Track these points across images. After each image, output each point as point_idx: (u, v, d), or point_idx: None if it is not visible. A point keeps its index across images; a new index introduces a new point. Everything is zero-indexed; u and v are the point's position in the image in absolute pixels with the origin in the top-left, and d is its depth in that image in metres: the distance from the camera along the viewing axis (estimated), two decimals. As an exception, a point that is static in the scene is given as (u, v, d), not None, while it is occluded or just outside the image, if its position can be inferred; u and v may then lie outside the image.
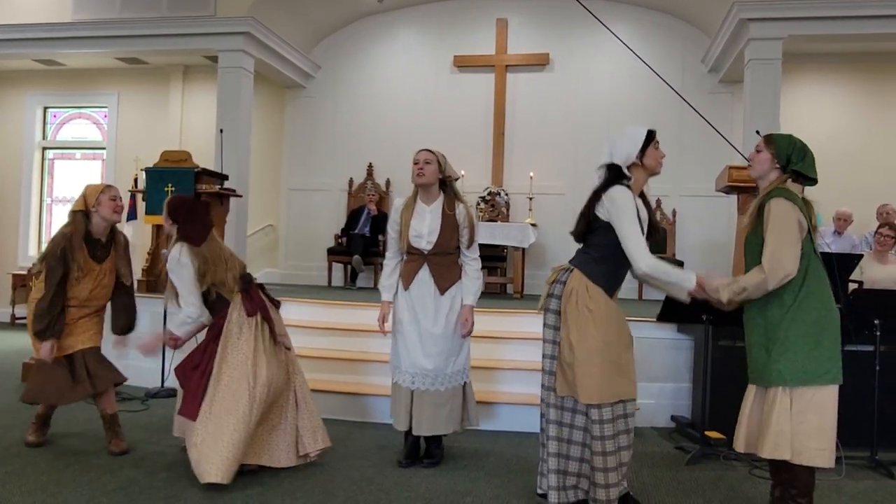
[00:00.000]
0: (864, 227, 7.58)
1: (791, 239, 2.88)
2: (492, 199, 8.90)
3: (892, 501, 3.58)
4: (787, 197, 2.92)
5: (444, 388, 3.86)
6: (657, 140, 3.27)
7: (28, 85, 10.32)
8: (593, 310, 3.09)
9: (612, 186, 3.13)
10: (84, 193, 4.04)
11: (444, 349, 3.86)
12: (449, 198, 3.93)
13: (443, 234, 3.85)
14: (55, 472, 3.60)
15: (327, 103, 9.78)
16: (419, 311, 3.89)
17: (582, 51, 9.15)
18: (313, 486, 3.51)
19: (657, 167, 3.27)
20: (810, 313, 2.90)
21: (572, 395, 3.10)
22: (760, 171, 3.09)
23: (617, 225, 3.09)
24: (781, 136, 3.11)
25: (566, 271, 3.22)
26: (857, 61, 8.54)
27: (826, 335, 2.91)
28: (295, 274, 9.64)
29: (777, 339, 2.92)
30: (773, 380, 2.92)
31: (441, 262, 3.89)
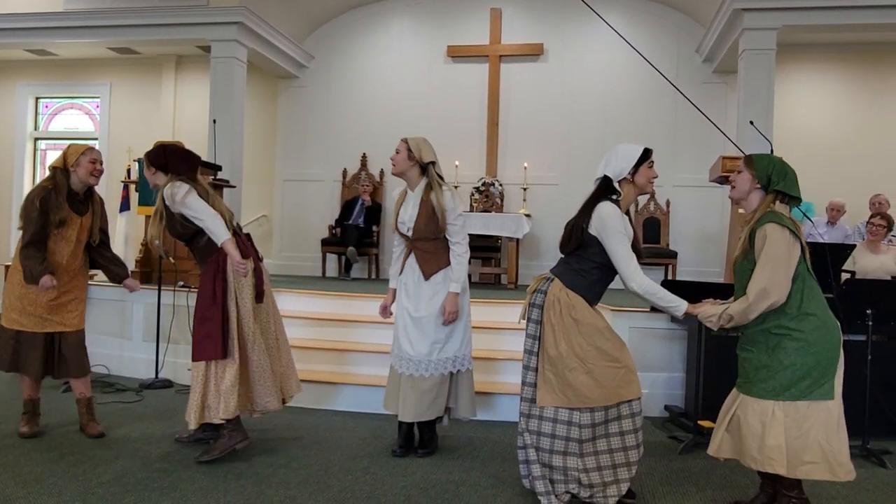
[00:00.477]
0: (857, 218, 7.61)
1: (780, 268, 2.89)
2: (486, 189, 8.89)
3: (883, 490, 3.61)
4: (778, 222, 2.92)
5: (428, 374, 3.87)
6: (652, 160, 3.30)
7: (20, 75, 10.25)
8: (578, 319, 3.12)
9: (600, 202, 3.16)
10: (66, 152, 4.09)
11: (426, 335, 3.88)
12: (428, 183, 3.96)
13: (419, 219, 3.90)
14: (49, 463, 3.60)
15: (321, 93, 9.74)
16: (405, 297, 3.98)
17: (576, 41, 9.13)
18: (308, 476, 3.52)
19: (647, 186, 3.31)
20: (811, 333, 2.91)
21: (560, 404, 3.11)
22: (741, 192, 3.12)
23: (606, 243, 3.13)
24: (760, 156, 3.13)
25: (547, 280, 3.25)
26: (851, 52, 8.55)
27: (824, 353, 2.91)
28: (289, 265, 9.63)
29: (776, 357, 2.93)
30: (766, 394, 2.93)
31: (426, 248, 3.95)
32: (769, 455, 2.89)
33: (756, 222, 2.99)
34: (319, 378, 5.13)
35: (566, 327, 3.12)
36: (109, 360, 5.97)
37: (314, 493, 3.28)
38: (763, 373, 2.96)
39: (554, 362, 3.13)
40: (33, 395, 4.16)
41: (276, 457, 3.84)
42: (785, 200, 3.04)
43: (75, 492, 3.19)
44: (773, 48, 7.08)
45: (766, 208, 3.01)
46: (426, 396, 3.87)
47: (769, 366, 2.94)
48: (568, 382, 3.09)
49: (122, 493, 3.20)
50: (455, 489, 3.41)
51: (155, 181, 3.96)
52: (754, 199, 3.08)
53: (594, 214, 3.15)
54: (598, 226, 3.13)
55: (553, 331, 3.14)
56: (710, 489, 3.52)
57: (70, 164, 4.04)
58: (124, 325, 6.18)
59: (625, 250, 3.11)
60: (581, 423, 3.10)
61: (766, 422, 2.92)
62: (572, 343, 3.10)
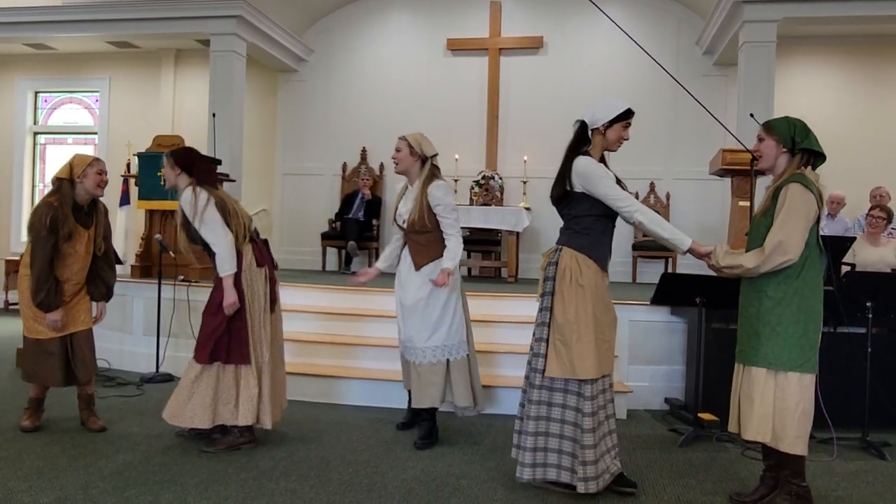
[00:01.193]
0: (857, 210, 7.60)
1: (800, 226, 2.91)
2: (486, 183, 8.88)
3: (883, 482, 3.62)
4: (805, 184, 2.94)
5: (426, 361, 3.98)
6: (629, 122, 3.28)
7: (19, 69, 10.24)
8: (584, 285, 3.13)
9: (575, 158, 3.19)
10: (71, 162, 4.04)
11: (416, 322, 4.01)
12: (426, 177, 4.05)
13: (413, 213, 4.02)
14: (51, 456, 3.61)
15: (320, 87, 9.73)
16: (399, 286, 4.15)
17: (576, 34, 9.11)
18: (308, 469, 3.53)
19: (615, 144, 3.30)
20: (803, 301, 2.96)
21: (567, 375, 3.11)
22: (769, 160, 3.11)
23: (595, 191, 3.15)
24: (779, 120, 3.14)
25: (556, 251, 3.25)
26: (851, 44, 8.54)
27: (812, 325, 2.98)
28: (289, 258, 9.62)
29: (769, 323, 2.97)
30: (759, 361, 2.99)
31: (419, 240, 4.06)
32: (757, 425, 2.94)
33: (783, 180, 2.99)
34: (320, 372, 5.14)
35: (574, 294, 3.13)
36: (110, 355, 5.98)
37: (315, 486, 3.29)
38: (754, 340, 3.01)
39: (562, 330, 3.12)
40: (39, 394, 4.16)
41: (277, 450, 3.85)
42: (810, 161, 3.03)
43: (77, 485, 3.20)
44: (774, 40, 7.06)
45: (795, 169, 3.01)
46: (423, 383, 3.98)
47: (759, 333, 2.98)
48: (575, 352, 3.09)
49: (123, 486, 3.21)
50: (456, 482, 3.42)
51: (176, 182, 3.92)
52: (782, 163, 3.09)
53: (573, 173, 3.18)
54: (580, 181, 3.16)
55: (563, 298, 3.15)
56: (711, 481, 3.53)
57: (76, 175, 3.99)
58: (125, 319, 6.19)
59: (614, 191, 3.13)
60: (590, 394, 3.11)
61: (757, 390, 2.97)
62: (580, 312, 3.11)
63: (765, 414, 2.95)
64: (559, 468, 3.18)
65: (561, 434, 3.17)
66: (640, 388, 5.09)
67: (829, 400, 4.03)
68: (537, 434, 3.18)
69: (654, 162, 8.77)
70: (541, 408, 3.19)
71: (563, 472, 3.17)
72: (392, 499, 3.17)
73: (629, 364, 5.20)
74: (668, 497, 3.29)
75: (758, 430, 2.96)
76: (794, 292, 2.95)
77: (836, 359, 4.34)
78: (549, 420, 3.18)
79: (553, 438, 3.18)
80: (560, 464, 3.17)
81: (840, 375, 4.40)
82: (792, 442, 2.94)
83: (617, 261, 3.33)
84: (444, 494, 3.24)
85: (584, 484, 3.10)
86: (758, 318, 3.00)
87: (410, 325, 4.03)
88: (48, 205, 3.93)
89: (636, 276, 8.33)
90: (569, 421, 3.15)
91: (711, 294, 4.27)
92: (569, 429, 3.15)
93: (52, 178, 4.08)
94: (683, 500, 3.25)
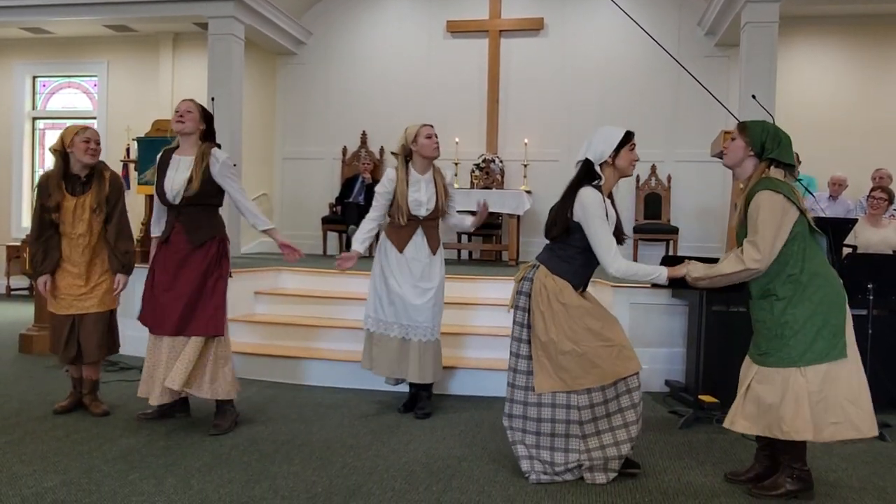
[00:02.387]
0: (859, 192, 7.58)
1: (769, 235, 2.91)
2: (486, 166, 8.86)
3: (883, 462, 3.64)
4: (772, 188, 2.94)
5: (434, 339, 4.29)
6: (633, 143, 3.26)
7: (16, 53, 10.18)
8: (566, 303, 3.15)
9: (582, 188, 3.16)
10: (62, 134, 4.11)
11: (435, 303, 4.28)
12: (436, 167, 4.36)
13: (438, 200, 4.28)
14: (54, 441, 3.63)
15: (319, 70, 9.67)
16: (414, 270, 4.26)
17: (576, 15, 9.04)
18: (310, 453, 3.55)
19: (628, 169, 3.28)
20: (816, 293, 2.94)
21: (558, 389, 3.14)
22: (735, 159, 3.13)
23: (587, 228, 3.14)
24: (755, 123, 3.15)
25: (533, 268, 3.27)
26: (854, 24, 8.47)
27: (833, 312, 2.94)
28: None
29: (786, 323, 2.95)
30: (784, 362, 2.95)
31: (432, 226, 4.33)
32: (796, 425, 2.90)
33: (751, 189, 3.00)
34: (321, 355, 5.16)
35: (555, 312, 3.14)
36: (112, 339, 5.99)
37: (317, 469, 3.31)
38: (776, 342, 2.97)
39: (546, 347, 3.16)
40: (74, 373, 4.24)
41: (280, 433, 3.87)
42: (780, 167, 3.05)
43: (80, 469, 3.22)
44: (776, 20, 7.01)
45: (760, 175, 3.03)
46: (431, 359, 4.26)
47: (781, 334, 2.96)
48: (562, 366, 3.13)
49: (126, 470, 3.23)
50: (457, 464, 3.44)
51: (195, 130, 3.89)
52: (748, 167, 3.11)
53: (576, 201, 3.15)
54: (579, 212, 3.14)
55: (542, 317, 3.16)
56: (710, 463, 3.55)
57: (67, 146, 4.04)
58: (126, 303, 6.17)
59: (605, 237, 3.13)
60: (580, 405, 3.15)
61: (788, 390, 2.93)
62: (562, 327, 3.13)
63: (801, 413, 2.89)
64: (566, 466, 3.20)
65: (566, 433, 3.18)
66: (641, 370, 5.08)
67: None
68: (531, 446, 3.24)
69: (655, 144, 8.73)
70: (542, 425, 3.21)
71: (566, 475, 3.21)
72: (394, 481, 3.19)
73: (630, 346, 5.20)
74: (668, 478, 3.31)
75: (797, 429, 2.90)
76: (802, 289, 2.94)
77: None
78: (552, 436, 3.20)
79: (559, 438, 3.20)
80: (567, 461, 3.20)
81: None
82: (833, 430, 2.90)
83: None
84: (445, 476, 3.26)
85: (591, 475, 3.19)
86: (774, 321, 2.98)
87: (427, 307, 4.23)
88: (42, 175, 4.13)
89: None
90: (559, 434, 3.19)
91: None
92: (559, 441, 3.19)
93: (49, 149, 4.21)
94: (683, 482, 3.27)
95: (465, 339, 5.24)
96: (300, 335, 5.42)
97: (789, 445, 3.02)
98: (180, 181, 3.81)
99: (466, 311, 5.58)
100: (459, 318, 5.53)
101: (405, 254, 4.24)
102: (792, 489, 3.05)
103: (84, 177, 4.10)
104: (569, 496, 3.06)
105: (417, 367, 4.21)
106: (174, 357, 3.82)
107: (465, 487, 3.13)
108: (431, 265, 4.29)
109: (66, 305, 4.08)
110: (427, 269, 4.27)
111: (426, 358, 4.23)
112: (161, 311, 3.85)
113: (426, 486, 3.13)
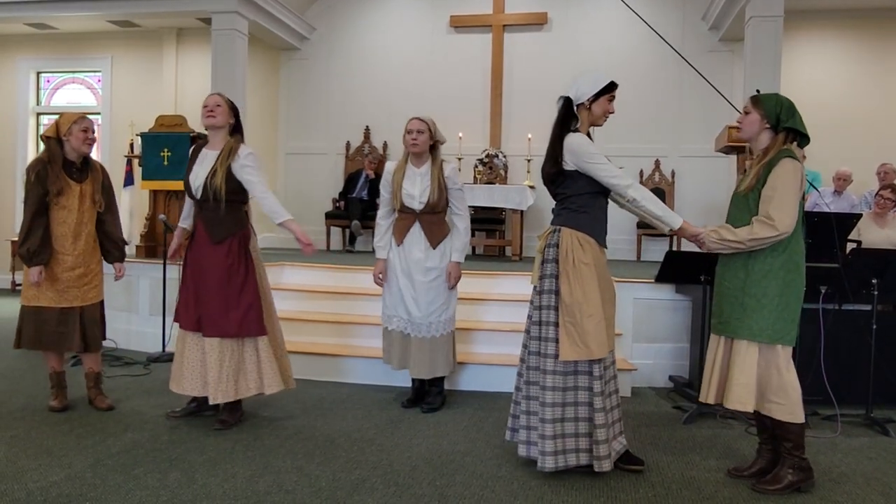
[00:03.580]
0: (864, 187, 7.56)
1: (793, 202, 2.95)
2: (490, 161, 8.85)
3: (886, 457, 3.63)
4: (795, 157, 2.98)
5: (438, 334, 4.25)
6: (613, 94, 3.27)
7: (20, 49, 10.19)
8: (588, 263, 3.13)
9: (565, 137, 3.16)
10: (58, 121, 4.08)
11: (434, 298, 4.23)
12: (437, 161, 4.26)
13: (433, 194, 4.18)
14: (59, 435, 3.64)
15: (322, 66, 9.67)
16: (412, 264, 4.24)
17: (581, 10, 9.02)
18: (314, 447, 3.56)
19: (601, 119, 3.26)
20: (787, 274, 3.01)
21: (582, 357, 3.09)
22: (751, 132, 3.14)
23: (588, 169, 3.13)
24: (768, 95, 3.17)
25: (554, 232, 3.23)
26: (859, 18, 8.42)
27: (793, 299, 3.02)
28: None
29: (754, 295, 3.01)
30: (743, 333, 3.03)
31: (432, 220, 4.25)
32: (739, 393, 3.01)
33: (772, 158, 3.01)
34: (325, 350, 5.16)
35: (582, 275, 3.12)
36: (117, 335, 6.00)
37: (321, 464, 3.32)
38: (739, 311, 3.04)
39: (572, 311, 3.10)
40: (57, 367, 4.17)
41: (283, 429, 3.88)
42: (795, 140, 3.06)
43: (85, 463, 3.23)
44: (781, 14, 6.98)
45: (781, 145, 3.04)
46: (439, 354, 4.25)
47: (745, 304, 3.02)
48: (586, 331, 3.07)
49: (131, 464, 3.24)
50: (460, 459, 3.44)
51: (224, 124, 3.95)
52: (764, 139, 3.11)
53: (564, 150, 3.15)
54: (572, 159, 3.14)
55: (569, 279, 3.13)
56: (714, 458, 3.55)
57: (63, 133, 4.02)
58: (131, 299, 6.22)
59: (608, 167, 3.13)
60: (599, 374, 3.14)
61: (740, 360, 3.03)
62: (588, 291, 3.10)
63: (747, 383, 3.01)
64: (577, 452, 3.19)
65: (576, 417, 3.17)
66: (645, 365, 5.10)
67: (834, 377, 4.06)
68: (555, 421, 3.15)
69: (660, 139, 8.72)
70: (556, 394, 3.15)
71: (581, 454, 3.19)
72: (398, 476, 3.19)
73: (633, 342, 5.21)
74: (671, 474, 3.31)
75: (739, 398, 3.01)
76: (780, 266, 2.99)
77: (841, 336, 4.34)
78: (564, 406, 3.16)
79: (569, 423, 3.17)
80: (578, 447, 3.18)
81: (845, 352, 4.40)
82: (773, 408, 3.01)
83: (621, 238, 3.34)
84: (448, 471, 3.27)
85: (598, 463, 3.14)
86: (742, 290, 3.04)
87: (429, 302, 4.22)
88: (37, 161, 4.01)
89: (640, 254, 8.31)
90: (583, 402, 3.17)
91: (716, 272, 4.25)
92: (583, 410, 3.17)
93: (41, 136, 4.10)
94: (687, 477, 3.27)
95: (470, 334, 5.24)
96: (304, 330, 5.43)
97: (789, 433, 3.04)
98: (203, 175, 3.81)
99: (472, 306, 5.58)
100: (465, 314, 5.52)
101: (403, 246, 4.27)
102: (793, 480, 3.06)
103: (79, 164, 4.09)
104: (572, 490, 3.06)
105: (416, 362, 4.26)
106: (197, 352, 3.85)
107: (468, 482, 3.14)
108: (429, 259, 4.23)
109: (71, 297, 4.03)
110: (424, 263, 4.23)
111: (423, 353, 4.24)
112: (184, 305, 3.88)
113: (430, 481, 3.14)
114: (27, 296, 4.04)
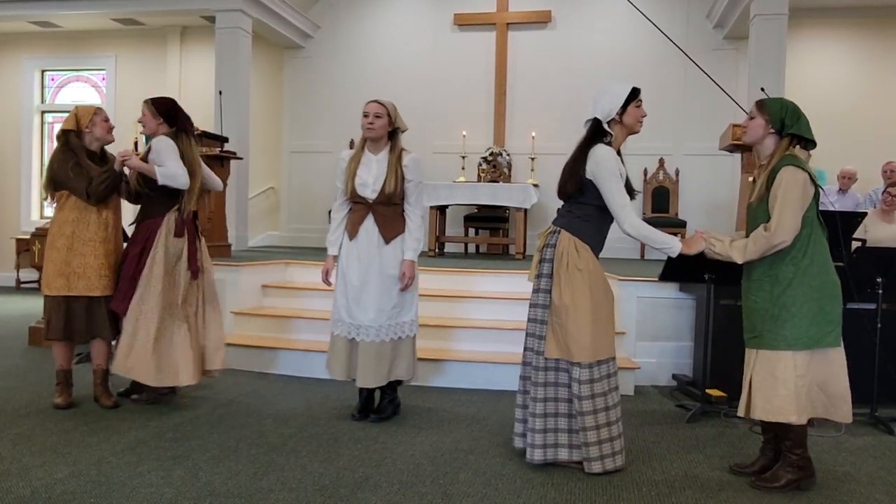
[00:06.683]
0: (869, 185, 7.53)
1: (793, 209, 2.92)
2: (493, 159, 8.84)
3: (891, 457, 3.62)
4: (796, 164, 2.95)
5: (388, 338, 3.90)
6: (640, 99, 3.24)
7: (25, 47, 10.21)
8: (583, 269, 3.15)
9: (595, 145, 3.15)
10: (76, 114, 4.09)
11: (386, 300, 3.88)
12: (396, 148, 3.92)
13: (388, 182, 3.83)
14: (64, 433, 3.65)
15: (326, 64, 9.67)
16: (362, 260, 3.90)
17: (584, 8, 9.00)
18: (318, 446, 3.56)
19: (636, 126, 3.25)
20: (814, 279, 2.97)
21: (563, 357, 3.16)
22: (755, 137, 3.12)
23: (601, 185, 3.13)
24: (773, 100, 3.15)
25: (554, 234, 3.25)
26: (864, 16, 8.40)
27: (828, 300, 2.98)
28: (297, 236, 9.64)
29: (783, 305, 2.97)
30: (778, 345, 2.97)
31: (386, 213, 3.89)
32: (780, 405, 2.94)
33: (775, 165, 2.99)
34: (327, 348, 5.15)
35: (574, 279, 3.14)
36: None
37: (325, 462, 3.32)
38: (771, 323, 3.00)
39: (559, 312, 3.15)
40: (66, 365, 4.18)
41: (287, 426, 3.88)
42: (801, 145, 3.05)
43: (90, 461, 3.24)
44: (785, 13, 6.97)
45: (784, 152, 3.02)
46: (383, 361, 3.89)
47: (777, 316, 2.98)
48: (569, 334, 3.12)
49: (135, 462, 3.25)
50: (464, 457, 3.44)
51: (157, 130, 4.07)
52: (769, 144, 3.09)
53: (590, 158, 3.14)
54: (593, 169, 3.13)
55: (560, 282, 3.16)
56: (718, 456, 3.54)
57: (84, 126, 4.05)
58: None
59: (619, 193, 3.13)
60: (580, 378, 3.14)
61: (778, 372, 2.96)
62: (579, 295, 3.13)
63: (787, 395, 2.94)
64: (570, 447, 3.24)
65: (569, 413, 3.22)
66: (648, 364, 5.09)
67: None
68: (546, 415, 3.22)
69: (664, 138, 8.70)
70: (548, 389, 3.23)
71: (573, 450, 3.23)
72: (401, 474, 3.19)
73: (637, 340, 5.20)
74: (674, 472, 3.30)
75: (780, 411, 2.94)
76: (803, 272, 2.96)
77: (846, 334, 4.27)
78: (556, 401, 3.23)
79: (562, 418, 3.23)
80: (570, 443, 3.24)
81: (849, 351, 4.32)
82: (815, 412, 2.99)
83: (625, 237, 3.33)
84: (452, 469, 3.27)
85: (588, 464, 3.17)
86: (771, 301, 3.00)
87: (371, 304, 3.87)
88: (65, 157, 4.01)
89: (644, 252, 8.30)
90: (563, 399, 3.22)
91: (720, 271, 4.24)
92: (563, 406, 3.23)
93: (58, 131, 4.13)
94: (690, 476, 3.26)
95: (473, 332, 5.24)
96: (308, 328, 5.43)
97: (789, 431, 3.03)
98: None
99: (473, 304, 5.58)
100: (467, 312, 5.53)
101: (356, 242, 3.91)
102: (793, 478, 3.05)
103: (99, 154, 4.14)
104: (574, 489, 3.06)
105: (362, 369, 3.89)
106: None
107: (471, 480, 3.14)
108: (381, 257, 3.86)
109: (90, 287, 4.03)
110: (375, 260, 3.86)
111: (368, 359, 3.86)
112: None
113: (433, 479, 3.14)
114: (55, 285, 4.01)
